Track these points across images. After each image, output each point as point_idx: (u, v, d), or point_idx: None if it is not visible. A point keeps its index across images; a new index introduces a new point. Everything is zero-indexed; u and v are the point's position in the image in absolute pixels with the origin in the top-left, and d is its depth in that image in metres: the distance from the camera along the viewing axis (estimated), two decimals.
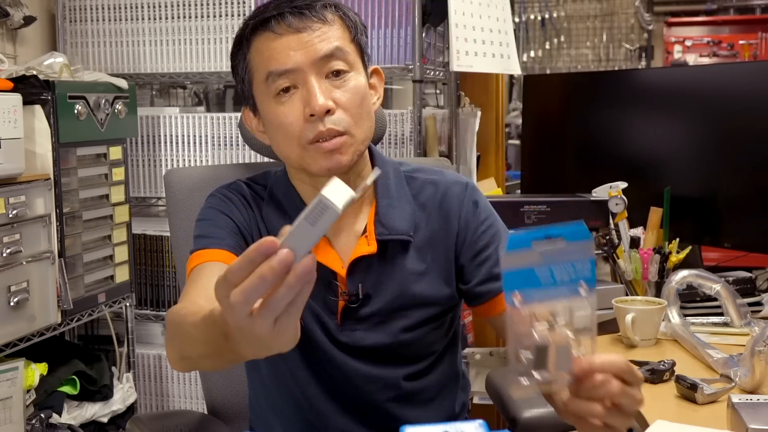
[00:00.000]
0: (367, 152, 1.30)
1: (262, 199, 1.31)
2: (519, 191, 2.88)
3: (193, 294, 1.13)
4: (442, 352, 1.35)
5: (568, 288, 0.87)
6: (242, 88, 1.27)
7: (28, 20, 2.51)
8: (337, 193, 0.74)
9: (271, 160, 1.70)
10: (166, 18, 2.51)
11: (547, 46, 6.13)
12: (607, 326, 1.82)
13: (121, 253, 2.37)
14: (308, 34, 1.19)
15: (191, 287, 1.16)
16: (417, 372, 1.31)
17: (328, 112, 1.18)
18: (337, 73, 1.20)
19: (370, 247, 1.26)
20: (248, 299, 0.74)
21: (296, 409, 1.31)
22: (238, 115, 2.16)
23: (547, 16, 6.06)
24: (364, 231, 1.27)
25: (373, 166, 1.31)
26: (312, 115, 1.18)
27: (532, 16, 6.07)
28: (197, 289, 1.14)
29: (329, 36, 1.20)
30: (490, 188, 2.70)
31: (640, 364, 1.53)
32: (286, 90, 1.20)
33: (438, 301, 1.30)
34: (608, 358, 0.89)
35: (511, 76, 4.85)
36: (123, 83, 2.32)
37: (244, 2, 2.45)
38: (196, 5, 2.48)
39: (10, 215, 1.92)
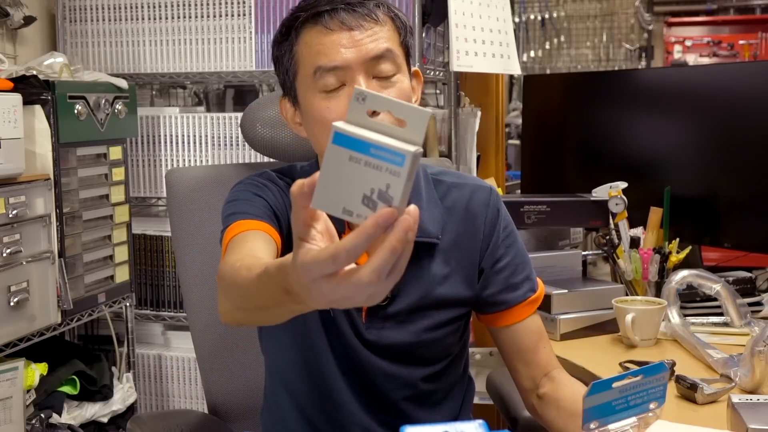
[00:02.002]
0: None
1: None
2: (519, 191, 2.88)
3: (242, 251, 1.12)
4: (456, 355, 1.37)
5: (640, 408, 0.98)
6: (285, 78, 1.27)
7: (28, 20, 2.51)
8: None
9: (273, 160, 1.71)
10: (166, 18, 2.51)
11: (547, 46, 6.14)
12: (607, 326, 1.82)
13: (121, 253, 2.37)
14: (360, 32, 1.18)
15: (237, 248, 1.14)
16: (434, 373, 1.33)
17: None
18: (385, 74, 1.20)
19: None
20: (381, 276, 0.71)
21: (316, 400, 1.33)
22: (238, 115, 2.17)
23: (547, 16, 6.06)
24: None
25: None
26: None
27: (532, 16, 6.07)
28: (244, 250, 1.12)
29: (380, 36, 1.19)
30: None
31: (640, 364, 1.54)
32: (333, 86, 1.20)
33: (460, 303, 1.32)
34: None
35: (511, 76, 4.85)
36: (123, 83, 2.32)
37: (244, 2, 2.45)
38: (196, 5, 2.48)
39: (10, 215, 1.92)
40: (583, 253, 2.11)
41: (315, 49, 1.19)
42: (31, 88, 2.05)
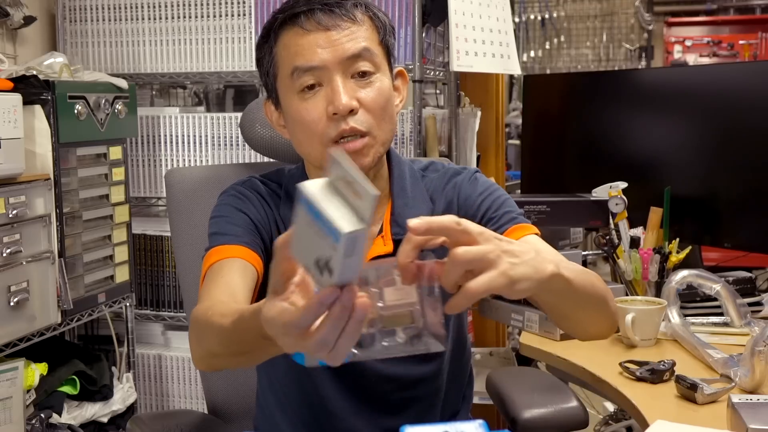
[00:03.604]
0: None
1: (278, 197, 1.31)
2: (519, 191, 2.88)
3: (216, 292, 1.13)
4: (453, 352, 1.35)
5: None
6: (266, 80, 1.27)
7: (28, 20, 2.51)
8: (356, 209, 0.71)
9: (272, 160, 1.71)
10: (166, 18, 2.51)
11: (547, 46, 6.14)
12: None
13: (121, 253, 2.37)
14: (337, 32, 1.19)
15: (213, 286, 1.15)
16: (431, 372, 1.32)
17: (352, 111, 1.18)
18: (363, 74, 1.20)
19: (386, 247, 1.26)
20: (326, 345, 0.76)
21: (307, 407, 1.31)
22: (238, 115, 2.17)
23: (547, 16, 6.07)
24: (381, 231, 1.27)
25: (389, 165, 1.32)
26: (335, 114, 1.18)
27: (532, 16, 6.08)
28: (219, 287, 1.14)
29: (357, 36, 1.20)
30: None
31: (640, 364, 1.54)
32: (311, 87, 1.20)
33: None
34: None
35: (511, 76, 4.86)
36: (123, 83, 2.32)
37: (244, 2, 2.45)
38: (196, 5, 2.48)
39: (10, 215, 1.92)
40: (583, 253, 2.11)
41: (292, 50, 1.20)
42: (31, 88, 2.05)
